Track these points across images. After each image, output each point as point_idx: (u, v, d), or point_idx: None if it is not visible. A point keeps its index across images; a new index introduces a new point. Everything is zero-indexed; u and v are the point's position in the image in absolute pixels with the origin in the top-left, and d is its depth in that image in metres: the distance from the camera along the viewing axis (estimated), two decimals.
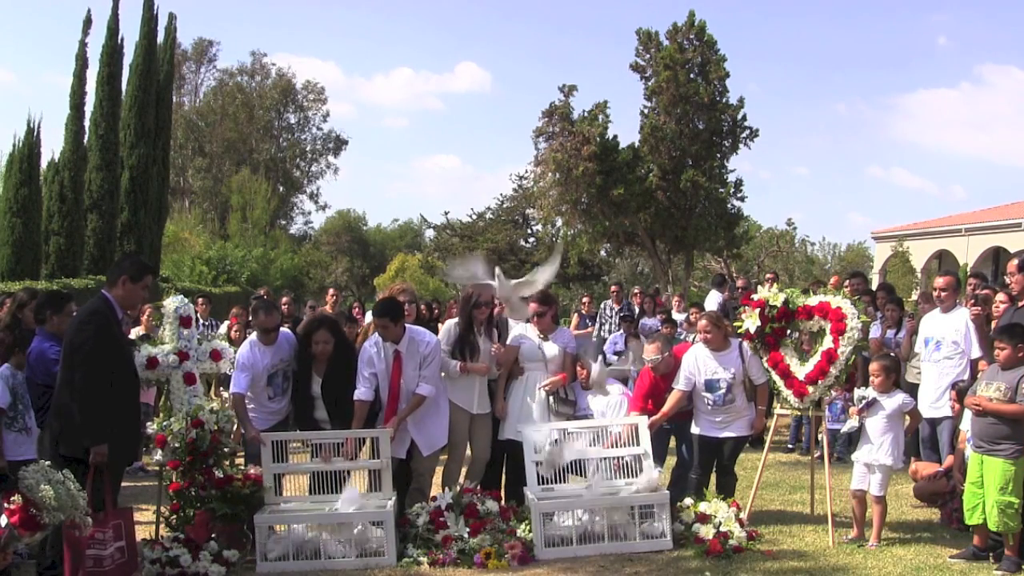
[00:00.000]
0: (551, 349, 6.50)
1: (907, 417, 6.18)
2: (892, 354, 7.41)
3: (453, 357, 6.34)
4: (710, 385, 6.38)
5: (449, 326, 6.52)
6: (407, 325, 6.30)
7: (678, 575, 5.45)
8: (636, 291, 13.30)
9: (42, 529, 4.02)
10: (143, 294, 5.39)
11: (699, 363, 6.44)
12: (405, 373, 6.14)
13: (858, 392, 6.24)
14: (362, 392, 6.09)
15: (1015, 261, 6.88)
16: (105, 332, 5.08)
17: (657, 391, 6.61)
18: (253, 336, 6.44)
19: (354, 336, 7.67)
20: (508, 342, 6.52)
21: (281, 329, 6.51)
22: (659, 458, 6.60)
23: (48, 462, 4.45)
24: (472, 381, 6.35)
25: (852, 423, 6.19)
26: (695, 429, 6.54)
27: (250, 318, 7.34)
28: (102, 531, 4.78)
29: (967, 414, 6.09)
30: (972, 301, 7.09)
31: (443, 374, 6.35)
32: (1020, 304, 6.30)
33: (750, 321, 6.37)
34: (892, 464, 6.01)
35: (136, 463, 8.33)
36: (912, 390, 7.26)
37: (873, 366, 6.20)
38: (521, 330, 6.60)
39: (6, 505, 3.88)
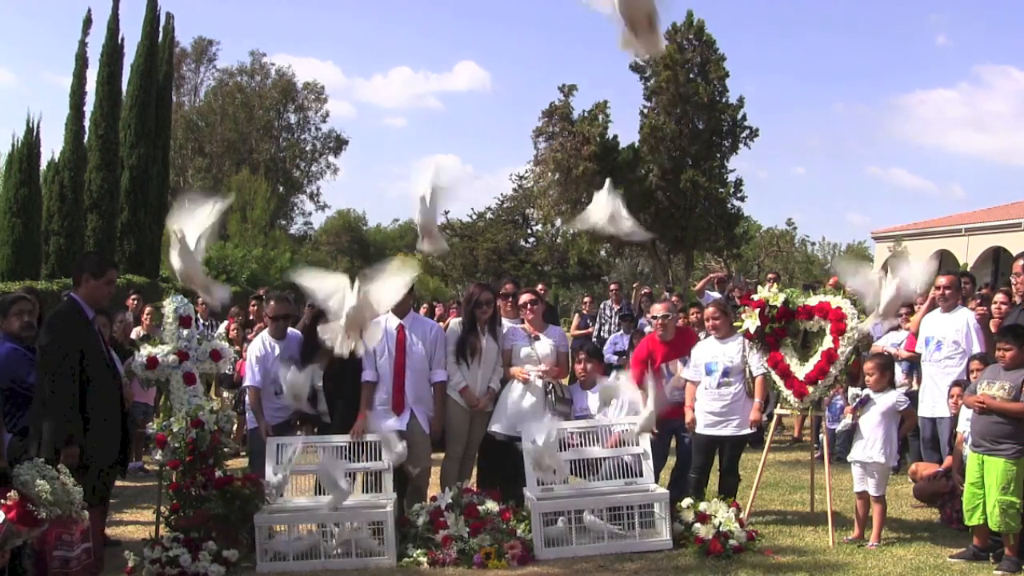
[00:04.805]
0: (544, 347, 6.49)
1: (902, 416, 6.18)
2: (886, 352, 7.43)
3: (456, 357, 6.34)
4: (708, 368, 6.45)
5: (455, 324, 6.53)
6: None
7: (678, 575, 5.45)
8: (645, 291, 13.25)
9: (39, 525, 4.01)
10: (108, 289, 5.42)
11: (702, 349, 6.57)
12: (409, 349, 6.20)
13: (852, 391, 6.25)
14: (369, 375, 6.19)
15: (1021, 262, 6.88)
16: (71, 334, 5.10)
17: (652, 359, 6.71)
18: (265, 332, 6.60)
19: None
20: (502, 343, 6.51)
21: (290, 329, 6.60)
22: (660, 458, 6.61)
23: (42, 459, 4.45)
24: (473, 378, 6.35)
25: (847, 421, 6.20)
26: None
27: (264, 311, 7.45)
28: (68, 532, 4.74)
29: (963, 415, 6.09)
30: (978, 301, 7.09)
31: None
32: None
33: (750, 321, 6.37)
34: (885, 462, 6.01)
35: (136, 463, 8.34)
36: None
37: (867, 365, 6.20)
38: (512, 331, 6.57)
39: (2, 501, 3.86)
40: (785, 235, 36.15)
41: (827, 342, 6.15)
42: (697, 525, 5.87)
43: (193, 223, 5.62)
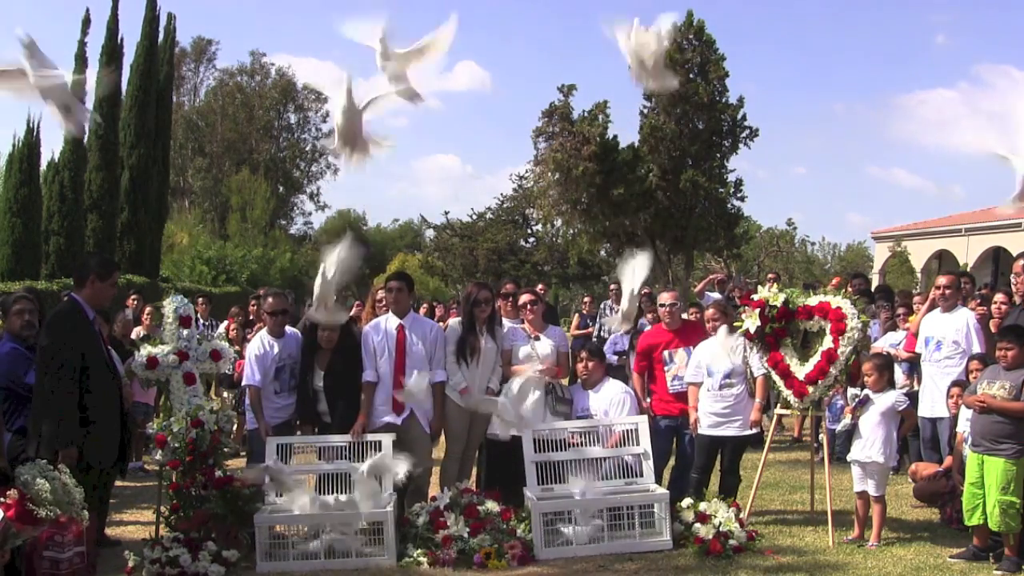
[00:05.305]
0: (544, 347, 6.48)
1: (902, 416, 6.18)
2: (885, 352, 7.43)
3: (456, 357, 6.34)
4: (710, 370, 6.46)
5: (455, 324, 6.53)
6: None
7: (678, 575, 5.45)
8: (645, 291, 13.22)
9: (38, 524, 4.02)
10: (112, 291, 5.45)
11: (703, 352, 6.54)
12: (409, 350, 6.20)
13: (852, 391, 6.25)
14: (369, 375, 6.20)
15: (1021, 262, 6.88)
16: (72, 334, 5.11)
17: (656, 351, 6.77)
18: (264, 331, 6.59)
19: (357, 334, 7.71)
20: (501, 343, 6.50)
21: (289, 328, 6.61)
22: (663, 457, 6.61)
23: (44, 459, 4.45)
24: (473, 377, 6.35)
25: (846, 421, 6.20)
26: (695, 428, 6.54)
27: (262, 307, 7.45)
28: (60, 533, 4.74)
29: (963, 415, 6.09)
30: (978, 301, 7.09)
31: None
32: None
33: (750, 321, 6.38)
34: (884, 462, 6.01)
35: (136, 463, 8.34)
36: None
37: (865, 365, 6.20)
38: (512, 331, 6.57)
39: (1, 500, 3.87)
40: (785, 235, 36.16)
41: (827, 342, 6.15)
42: (697, 525, 5.87)
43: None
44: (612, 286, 13.44)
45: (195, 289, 19.76)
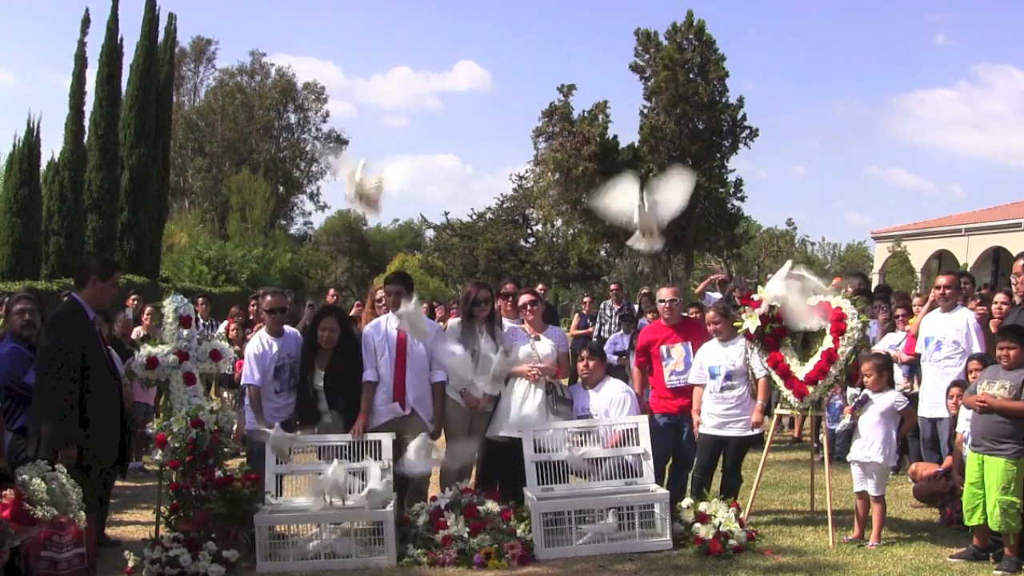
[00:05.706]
0: (544, 347, 6.48)
1: (901, 416, 6.18)
2: (884, 353, 7.43)
3: None
4: (712, 372, 6.47)
5: (455, 324, 6.52)
6: None
7: (678, 575, 5.45)
8: (644, 291, 13.24)
9: (36, 524, 4.01)
10: (113, 292, 5.45)
11: (705, 353, 6.55)
12: (410, 350, 6.22)
13: (851, 391, 6.25)
14: (370, 375, 6.20)
15: (1021, 262, 6.88)
16: (72, 334, 5.11)
17: (654, 347, 6.77)
18: (263, 330, 6.58)
19: (357, 334, 7.71)
20: (501, 343, 6.49)
21: (288, 328, 6.61)
22: (663, 456, 6.61)
23: (44, 460, 4.45)
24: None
25: (846, 421, 6.21)
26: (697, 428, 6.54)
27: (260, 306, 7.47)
28: (58, 534, 4.72)
29: (963, 415, 6.09)
30: (978, 301, 7.09)
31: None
32: None
33: (750, 321, 6.38)
34: (883, 462, 6.00)
35: (136, 463, 8.34)
36: None
37: (865, 365, 6.20)
38: (512, 331, 6.57)
39: None
40: (785, 235, 36.13)
41: (827, 342, 6.15)
42: (697, 525, 5.87)
43: None
44: (612, 286, 13.44)
45: (195, 289, 19.78)
